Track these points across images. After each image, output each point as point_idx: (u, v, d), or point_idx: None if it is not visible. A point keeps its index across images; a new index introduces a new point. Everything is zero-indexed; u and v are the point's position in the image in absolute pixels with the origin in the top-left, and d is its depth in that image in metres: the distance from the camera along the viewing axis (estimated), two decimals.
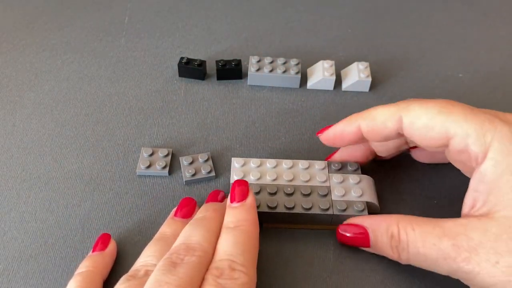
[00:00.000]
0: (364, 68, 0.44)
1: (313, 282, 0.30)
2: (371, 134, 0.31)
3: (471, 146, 0.26)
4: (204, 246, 0.27)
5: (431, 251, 0.26)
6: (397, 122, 0.29)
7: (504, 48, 0.50)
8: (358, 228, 0.30)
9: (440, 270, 0.26)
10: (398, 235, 0.28)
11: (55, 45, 0.48)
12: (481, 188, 0.26)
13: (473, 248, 0.25)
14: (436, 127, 0.27)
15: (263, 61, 0.44)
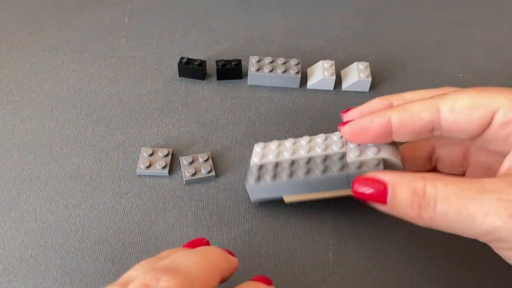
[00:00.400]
0: (364, 68, 0.44)
1: (313, 282, 0.30)
2: (403, 128, 0.28)
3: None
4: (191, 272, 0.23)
5: (468, 206, 0.23)
6: (434, 112, 0.27)
7: (504, 48, 0.50)
8: (375, 182, 0.27)
9: (474, 230, 0.24)
10: (424, 190, 0.25)
11: (55, 45, 0.48)
12: None
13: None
14: (479, 104, 0.26)
15: (263, 61, 0.44)
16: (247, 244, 0.32)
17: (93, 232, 0.33)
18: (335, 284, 0.30)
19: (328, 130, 0.39)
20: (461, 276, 0.31)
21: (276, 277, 0.31)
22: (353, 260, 0.32)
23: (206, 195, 0.35)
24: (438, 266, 0.32)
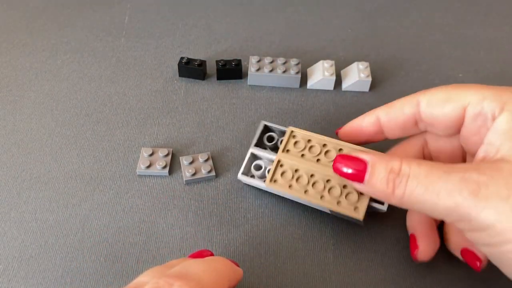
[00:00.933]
0: (364, 68, 0.44)
1: (313, 282, 0.31)
2: (390, 123, 0.31)
3: (486, 106, 0.27)
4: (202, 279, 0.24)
5: (434, 183, 0.25)
6: (415, 105, 0.30)
7: (504, 48, 0.50)
8: (356, 160, 0.28)
9: (438, 208, 0.25)
10: (399, 168, 0.26)
11: (55, 45, 0.48)
12: (494, 139, 0.26)
13: (483, 182, 0.24)
14: (452, 98, 0.28)
15: (263, 61, 0.44)
16: (247, 244, 0.32)
17: (93, 232, 0.33)
18: (335, 284, 0.30)
19: (328, 130, 0.39)
20: (461, 276, 0.31)
21: (276, 277, 0.31)
22: (353, 260, 0.32)
23: (206, 195, 0.35)
24: (438, 266, 0.32)
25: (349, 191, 0.31)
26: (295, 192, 0.32)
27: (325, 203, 0.31)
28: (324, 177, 0.32)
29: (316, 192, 0.31)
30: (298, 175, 0.32)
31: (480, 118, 0.27)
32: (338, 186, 0.31)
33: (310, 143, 0.33)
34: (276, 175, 0.32)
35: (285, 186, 0.32)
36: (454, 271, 0.31)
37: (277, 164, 0.33)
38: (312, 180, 0.32)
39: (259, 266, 0.31)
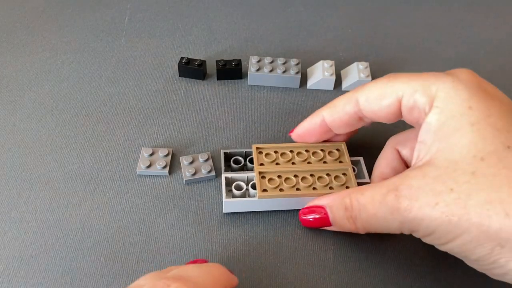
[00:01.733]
0: (364, 68, 0.44)
1: (313, 282, 0.31)
2: (335, 122, 0.32)
3: (418, 99, 0.27)
4: (199, 282, 0.24)
5: (379, 209, 0.27)
6: (355, 103, 0.31)
7: (504, 48, 0.50)
8: (317, 209, 0.31)
9: (392, 227, 0.27)
10: (351, 204, 0.28)
11: (55, 45, 0.48)
12: (426, 138, 0.27)
13: (413, 194, 0.25)
14: (387, 93, 0.29)
15: (263, 61, 0.44)
16: (247, 244, 0.32)
17: (93, 231, 0.33)
18: (335, 284, 0.30)
19: None
20: (461, 276, 0.31)
21: (276, 277, 0.31)
22: (353, 260, 0.32)
23: (206, 195, 0.35)
24: (438, 266, 0.32)
25: (336, 175, 0.33)
26: (289, 193, 0.32)
27: (320, 192, 0.32)
28: (307, 173, 0.33)
29: (307, 187, 0.32)
30: (284, 178, 0.33)
31: (415, 110, 0.28)
32: (324, 175, 0.33)
33: (278, 152, 0.34)
34: (263, 185, 0.33)
35: (276, 191, 0.32)
36: (454, 271, 0.31)
37: (259, 176, 0.33)
38: (298, 178, 0.33)
39: (259, 266, 0.31)
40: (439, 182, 0.24)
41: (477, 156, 0.24)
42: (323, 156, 0.34)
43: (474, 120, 0.25)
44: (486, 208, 0.23)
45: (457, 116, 0.25)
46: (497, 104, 0.26)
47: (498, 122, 0.25)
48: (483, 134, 0.25)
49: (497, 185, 0.23)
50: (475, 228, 0.23)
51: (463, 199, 0.23)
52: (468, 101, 0.26)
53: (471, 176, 0.24)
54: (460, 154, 0.25)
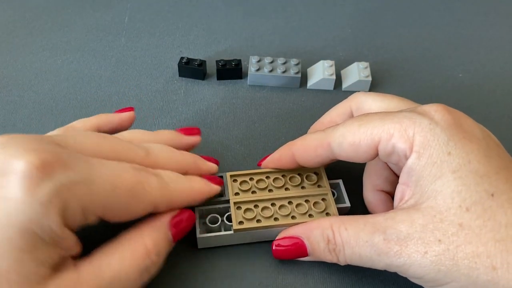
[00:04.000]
0: (364, 68, 0.44)
1: (313, 282, 0.30)
2: (305, 163, 0.31)
3: (397, 145, 0.26)
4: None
5: (364, 249, 0.26)
6: (327, 148, 0.29)
7: (504, 48, 0.50)
8: (292, 239, 0.29)
9: (377, 266, 0.27)
10: (334, 238, 0.28)
11: (55, 45, 0.48)
12: (408, 181, 0.27)
13: (403, 240, 0.25)
14: (362, 140, 0.28)
15: (263, 61, 0.44)
16: (247, 244, 0.32)
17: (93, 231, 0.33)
18: (335, 285, 0.30)
19: None
20: None
21: (276, 277, 0.31)
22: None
23: None
24: None
25: (315, 201, 0.32)
26: (266, 224, 0.30)
27: (299, 221, 0.30)
28: (285, 200, 0.32)
29: (285, 216, 0.31)
30: (260, 208, 0.31)
31: (394, 155, 0.27)
32: (302, 201, 0.32)
33: (254, 180, 0.33)
34: (238, 217, 0.31)
35: (254, 223, 0.30)
36: None
37: (234, 206, 0.31)
38: (276, 206, 0.31)
39: (259, 266, 0.31)
40: (427, 231, 0.25)
41: (462, 207, 0.24)
42: (301, 181, 0.33)
43: (455, 167, 0.25)
44: (474, 261, 0.23)
45: (437, 163, 0.25)
46: (475, 147, 0.26)
47: (480, 168, 0.25)
48: (465, 182, 0.25)
49: (484, 238, 0.24)
50: (464, 278, 0.24)
51: (451, 250, 0.24)
52: (446, 146, 0.25)
53: (458, 227, 0.24)
54: (445, 204, 0.25)
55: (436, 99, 0.30)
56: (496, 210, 0.24)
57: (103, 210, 0.24)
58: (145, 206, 0.26)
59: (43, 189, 0.21)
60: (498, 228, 0.23)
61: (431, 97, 0.43)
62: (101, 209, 0.24)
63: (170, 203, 0.28)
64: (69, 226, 0.23)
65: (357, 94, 0.33)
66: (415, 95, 0.44)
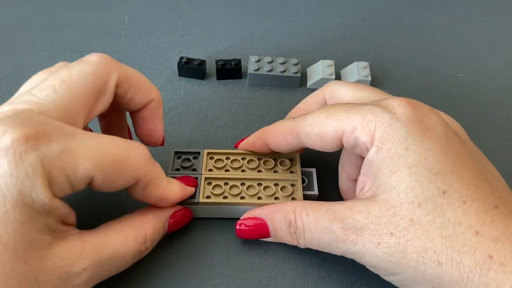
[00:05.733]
0: (364, 68, 0.44)
1: (312, 281, 0.30)
2: (277, 148, 0.33)
3: (359, 138, 0.27)
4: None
5: (323, 234, 0.27)
6: (296, 136, 0.31)
7: (504, 48, 0.50)
8: (256, 220, 0.31)
9: (334, 251, 0.28)
10: (295, 221, 0.29)
11: (55, 45, 0.48)
12: (368, 173, 0.28)
13: (359, 230, 0.26)
14: (327, 131, 0.29)
15: (263, 60, 0.44)
16: (246, 243, 0.32)
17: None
18: (334, 284, 0.30)
19: None
20: None
21: (276, 277, 0.31)
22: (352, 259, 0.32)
23: None
24: None
25: (283, 185, 0.33)
26: (232, 200, 0.32)
27: (264, 202, 0.32)
28: (255, 181, 0.33)
29: (252, 195, 0.32)
30: (229, 186, 0.33)
31: (357, 147, 0.28)
32: (271, 184, 0.33)
33: (229, 159, 0.34)
34: (207, 192, 0.32)
35: (220, 198, 0.32)
36: None
37: (204, 181, 0.32)
38: (245, 186, 0.33)
39: (258, 267, 0.31)
40: (381, 223, 0.26)
41: (414, 202, 0.25)
42: (274, 165, 0.34)
43: (411, 163, 0.26)
44: (422, 256, 0.24)
45: (395, 157, 0.26)
46: (433, 144, 0.26)
47: (435, 165, 0.25)
48: (419, 178, 0.25)
49: (431, 234, 0.24)
50: (412, 270, 0.25)
51: (402, 244, 0.25)
52: (405, 142, 0.26)
53: (409, 223, 0.25)
54: (399, 198, 0.26)
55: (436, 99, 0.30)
56: (446, 208, 0.25)
57: (89, 180, 0.24)
58: (129, 180, 0.26)
59: (28, 161, 0.22)
60: (446, 225, 0.24)
61: (431, 97, 0.43)
62: (87, 179, 0.24)
63: (150, 183, 0.28)
64: (58, 195, 0.24)
65: (331, 83, 0.34)
66: (415, 95, 0.44)
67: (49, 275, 0.23)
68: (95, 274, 0.25)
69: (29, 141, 0.22)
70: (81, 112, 0.27)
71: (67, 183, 0.24)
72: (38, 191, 0.22)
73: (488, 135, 0.41)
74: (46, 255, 0.23)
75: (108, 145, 0.25)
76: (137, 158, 0.26)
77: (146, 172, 0.27)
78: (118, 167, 0.25)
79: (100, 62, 0.28)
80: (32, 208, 0.22)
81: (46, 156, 0.22)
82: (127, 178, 0.26)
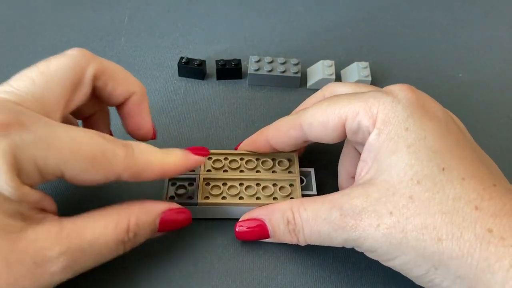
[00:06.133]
0: (363, 68, 0.44)
1: (313, 281, 0.30)
2: (279, 145, 0.33)
3: (362, 122, 0.27)
4: None
5: (322, 226, 0.27)
6: (299, 129, 0.31)
7: (504, 48, 0.50)
8: (254, 221, 0.30)
9: (335, 242, 0.27)
10: (293, 218, 0.28)
11: (55, 45, 0.48)
12: (367, 157, 0.27)
13: (358, 214, 0.26)
14: (330, 119, 0.29)
15: (263, 61, 0.44)
16: (246, 244, 0.32)
17: None
18: (335, 285, 0.30)
19: None
20: None
21: (276, 277, 0.31)
22: (352, 259, 0.32)
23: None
24: None
25: (281, 186, 0.33)
26: (231, 201, 0.32)
27: (263, 202, 0.32)
28: (253, 182, 0.33)
29: (250, 196, 0.32)
30: (228, 186, 0.33)
31: (359, 133, 0.28)
32: (270, 184, 0.33)
33: (228, 159, 0.34)
34: (205, 192, 0.32)
35: (218, 199, 0.32)
36: None
37: (203, 182, 0.33)
38: (243, 186, 0.33)
39: (258, 267, 0.31)
40: (380, 204, 0.25)
41: (413, 179, 0.25)
42: (273, 166, 0.34)
43: (410, 142, 0.26)
44: (421, 233, 0.24)
45: (394, 138, 0.26)
46: (433, 125, 0.26)
47: (434, 144, 0.26)
48: (419, 156, 0.25)
49: (431, 211, 0.24)
50: (412, 250, 0.24)
51: (401, 222, 0.25)
52: (405, 122, 0.26)
53: (409, 200, 0.25)
54: (398, 177, 0.25)
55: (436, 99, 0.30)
56: (445, 184, 0.25)
57: (61, 172, 0.24)
58: (107, 175, 0.26)
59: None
60: (446, 201, 0.24)
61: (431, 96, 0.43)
62: (58, 171, 0.24)
63: (136, 175, 0.27)
64: (27, 183, 0.24)
65: (331, 84, 0.34)
66: None
67: (21, 258, 0.23)
68: (73, 261, 0.24)
69: (1, 128, 0.22)
70: (58, 103, 0.27)
71: (36, 173, 0.23)
72: (3, 178, 0.22)
73: (488, 135, 0.41)
74: (18, 239, 0.23)
75: (83, 138, 0.25)
76: (116, 154, 0.26)
77: (126, 167, 0.26)
78: (92, 163, 0.25)
79: (77, 55, 0.28)
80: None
81: (17, 144, 0.22)
82: (102, 175, 0.26)
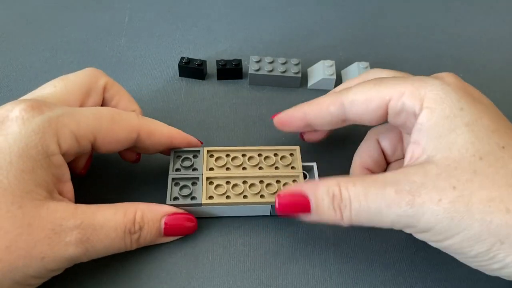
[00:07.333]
0: (364, 68, 0.44)
1: (313, 282, 0.31)
2: (317, 121, 0.32)
3: (407, 102, 0.27)
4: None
5: (374, 201, 0.26)
6: (339, 106, 0.31)
7: (504, 48, 0.50)
8: (296, 195, 0.28)
9: (384, 220, 0.26)
10: (340, 193, 0.27)
11: (55, 45, 0.48)
12: (419, 138, 0.27)
13: (416, 190, 0.25)
14: (373, 97, 0.29)
15: (263, 61, 0.45)
16: (247, 244, 0.32)
17: None
18: (335, 285, 0.30)
19: None
20: (461, 276, 0.31)
21: (276, 277, 0.31)
22: (353, 260, 0.32)
23: None
24: (439, 266, 0.32)
25: (285, 182, 0.33)
26: (235, 200, 0.32)
27: (267, 200, 0.32)
28: (256, 179, 0.33)
29: (254, 194, 0.32)
30: (232, 184, 0.32)
31: (403, 114, 0.28)
32: (273, 181, 0.33)
33: (230, 156, 0.34)
34: (209, 192, 0.32)
35: (223, 198, 0.32)
36: (455, 271, 0.31)
37: (206, 181, 0.32)
38: (247, 184, 0.33)
39: (259, 267, 0.31)
40: (441, 179, 0.25)
41: (476, 156, 0.25)
42: (275, 161, 0.34)
43: (468, 121, 0.26)
44: (488, 205, 0.24)
45: (450, 117, 0.26)
46: (485, 108, 0.27)
47: (490, 124, 0.26)
48: (478, 134, 0.26)
49: (497, 184, 0.24)
50: (477, 224, 0.24)
51: (466, 196, 0.24)
52: (459, 102, 0.27)
53: (473, 174, 0.25)
54: (460, 153, 0.25)
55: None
56: (507, 160, 0.25)
57: (92, 134, 0.29)
58: (129, 133, 0.30)
59: (35, 121, 0.26)
60: (510, 175, 0.24)
61: None
62: (89, 134, 0.28)
63: (150, 134, 0.31)
64: (64, 151, 0.28)
65: (374, 69, 0.34)
66: None
67: (42, 224, 0.25)
68: (86, 236, 0.27)
69: (35, 109, 0.27)
70: (75, 103, 0.31)
71: (72, 138, 0.28)
72: (47, 143, 0.26)
73: None
74: (41, 206, 0.26)
75: (100, 109, 0.30)
76: (129, 115, 0.31)
77: (143, 124, 0.31)
78: (114, 121, 0.30)
79: (91, 69, 0.34)
80: (35, 160, 0.26)
81: (51, 117, 0.27)
82: (125, 132, 0.30)
